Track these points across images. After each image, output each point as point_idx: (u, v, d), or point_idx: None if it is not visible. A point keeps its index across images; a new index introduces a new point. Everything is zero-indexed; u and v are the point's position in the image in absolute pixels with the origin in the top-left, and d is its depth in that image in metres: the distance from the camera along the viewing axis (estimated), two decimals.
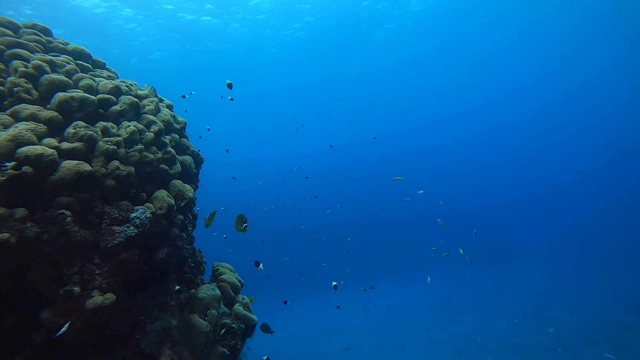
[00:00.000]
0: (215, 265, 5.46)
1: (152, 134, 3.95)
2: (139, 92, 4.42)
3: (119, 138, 3.57)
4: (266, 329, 5.90)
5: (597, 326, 14.34)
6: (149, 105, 4.28)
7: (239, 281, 5.26)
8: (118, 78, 4.54)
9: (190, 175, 4.77)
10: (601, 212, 34.17)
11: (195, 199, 5.25)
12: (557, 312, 16.51)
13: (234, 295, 4.96)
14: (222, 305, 4.80)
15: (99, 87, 3.91)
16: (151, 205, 3.71)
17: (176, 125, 4.72)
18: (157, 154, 3.97)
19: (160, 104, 4.67)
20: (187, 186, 4.23)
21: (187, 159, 4.72)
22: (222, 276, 5.04)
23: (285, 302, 13.90)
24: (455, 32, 26.18)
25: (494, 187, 43.78)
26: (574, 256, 25.83)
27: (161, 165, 4.00)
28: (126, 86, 4.16)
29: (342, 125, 40.72)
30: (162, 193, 3.84)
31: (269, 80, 29.72)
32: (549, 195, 40.74)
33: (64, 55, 4.05)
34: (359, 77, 31.94)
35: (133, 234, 3.34)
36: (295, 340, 18.00)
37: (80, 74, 3.82)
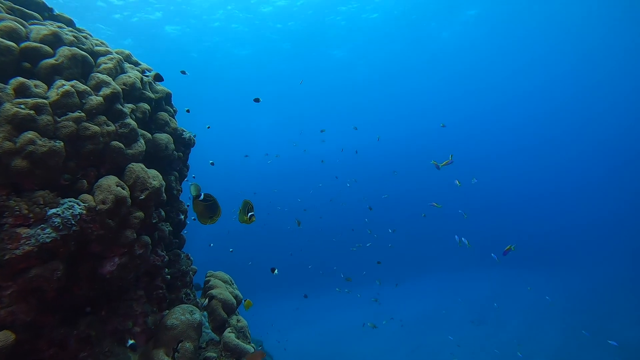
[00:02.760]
0: (207, 275, 4.33)
1: (100, 98, 2.82)
2: (97, 47, 3.32)
3: (40, 100, 2.46)
4: None
5: None
6: (105, 64, 3.17)
7: (235, 297, 4.09)
8: (93, 43, 3.44)
9: (165, 160, 3.64)
10: None
11: (180, 190, 4.13)
12: (616, 325, 14.33)
13: (226, 316, 3.80)
14: (209, 331, 3.66)
15: (30, 35, 2.83)
16: (89, 197, 2.59)
17: (149, 94, 3.59)
18: (108, 126, 2.85)
19: (126, 64, 3.56)
20: (153, 172, 3.08)
21: (163, 137, 3.58)
22: (212, 291, 3.89)
23: (305, 296, 12.85)
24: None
25: (539, 182, 40.36)
26: (632, 259, 22.84)
27: (113, 143, 2.87)
28: (74, 36, 3.06)
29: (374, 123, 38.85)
30: (108, 181, 2.71)
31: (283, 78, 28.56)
32: (602, 191, 36.90)
33: None
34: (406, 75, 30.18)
35: (49, 240, 2.22)
36: (324, 340, 16.95)
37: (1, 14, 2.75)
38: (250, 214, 3.28)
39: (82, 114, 2.68)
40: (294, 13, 19.79)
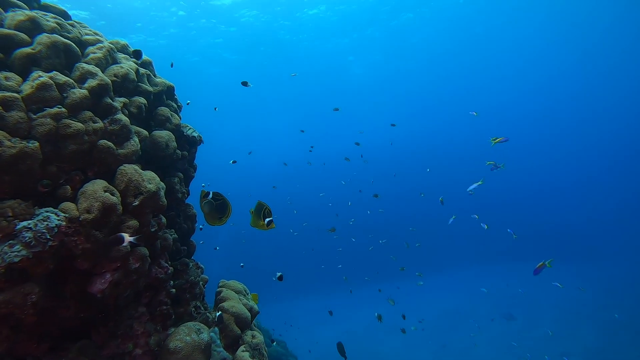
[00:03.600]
0: (219, 285, 3.95)
1: (84, 91, 2.45)
2: (87, 37, 2.96)
3: (9, 94, 2.10)
4: (341, 350, 5.18)
5: None
6: (94, 53, 2.80)
7: (250, 309, 3.69)
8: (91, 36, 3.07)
9: (167, 160, 3.26)
10: None
11: (186, 193, 3.75)
12: None
13: (239, 332, 3.41)
14: (220, 349, 3.27)
15: (4, 22, 2.49)
16: (72, 205, 2.22)
17: (146, 87, 3.21)
18: (94, 123, 2.47)
19: (120, 55, 3.18)
20: (149, 174, 2.70)
21: (163, 135, 3.19)
22: (224, 304, 3.50)
23: (330, 313, 12.47)
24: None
25: (567, 173, 38.46)
26: None
27: (101, 142, 2.49)
28: (56, 23, 2.70)
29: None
30: (95, 186, 2.33)
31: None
32: (634, 182, 34.75)
33: None
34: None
35: (18, 259, 1.86)
36: (350, 338, 16.53)
37: None
38: (268, 219, 2.83)
39: (63, 109, 2.31)
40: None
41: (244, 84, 4.63)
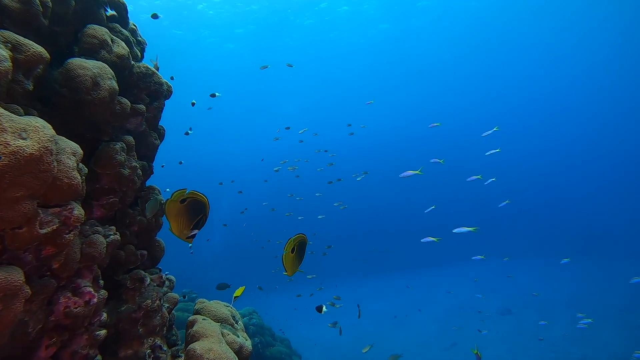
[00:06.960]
0: (195, 307, 2.64)
1: None
2: None
3: None
4: (222, 287, 5.42)
5: None
6: None
7: (239, 350, 2.38)
8: None
9: (98, 111, 1.90)
10: None
11: (149, 171, 2.41)
12: None
13: None
14: None
15: None
16: None
17: None
18: None
19: None
20: (27, 121, 1.35)
21: (88, 66, 1.83)
22: (196, 344, 2.18)
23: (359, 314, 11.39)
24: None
25: (598, 170, 36.70)
26: None
27: None
28: None
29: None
30: None
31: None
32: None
33: None
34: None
35: None
36: (356, 333, 15.48)
37: None
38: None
39: None
40: None
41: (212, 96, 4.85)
